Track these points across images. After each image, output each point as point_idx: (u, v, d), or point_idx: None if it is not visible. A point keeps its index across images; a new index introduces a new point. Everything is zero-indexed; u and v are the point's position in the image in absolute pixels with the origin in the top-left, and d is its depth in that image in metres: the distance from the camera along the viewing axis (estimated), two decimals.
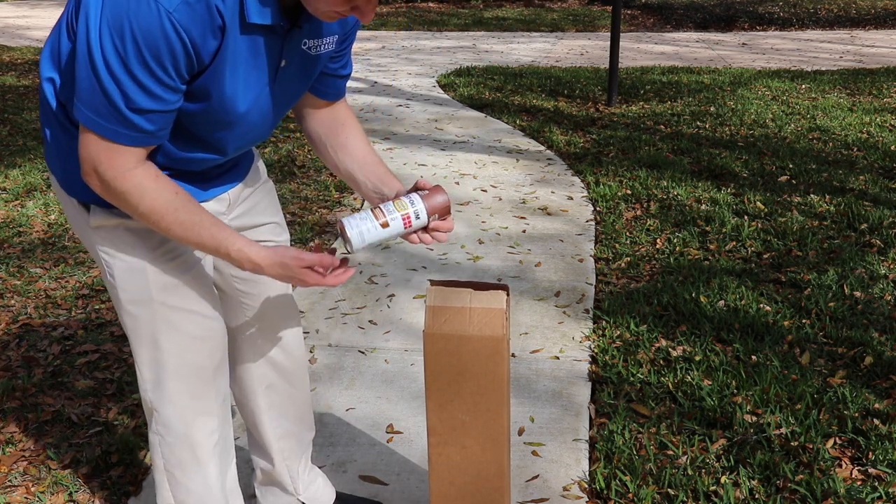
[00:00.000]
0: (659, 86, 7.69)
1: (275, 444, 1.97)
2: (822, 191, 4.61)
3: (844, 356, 2.88)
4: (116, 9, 1.26)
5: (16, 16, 15.50)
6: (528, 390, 2.72)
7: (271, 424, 1.95)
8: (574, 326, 3.15)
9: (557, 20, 13.83)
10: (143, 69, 1.29)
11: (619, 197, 4.59)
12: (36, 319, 3.26)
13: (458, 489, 1.80)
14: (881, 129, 5.91)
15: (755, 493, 2.22)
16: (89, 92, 1.33)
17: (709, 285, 3.43)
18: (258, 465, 2.03)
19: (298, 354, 1.95)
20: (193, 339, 1.62)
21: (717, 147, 5.57)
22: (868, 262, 3.64)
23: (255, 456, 2.02)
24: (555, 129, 6.17)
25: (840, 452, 2.38)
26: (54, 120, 1.51)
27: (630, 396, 2.67)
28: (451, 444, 1.77)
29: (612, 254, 3.83)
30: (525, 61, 9.53)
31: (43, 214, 4.42)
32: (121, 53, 1.28)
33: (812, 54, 9.65)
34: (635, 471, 2.29)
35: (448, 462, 1.79)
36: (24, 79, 8.47)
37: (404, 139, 6.03)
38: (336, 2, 1.34)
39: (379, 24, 13.64)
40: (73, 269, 3.72)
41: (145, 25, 1.26)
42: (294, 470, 2.02)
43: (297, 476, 2.02)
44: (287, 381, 1.94)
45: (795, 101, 6.88)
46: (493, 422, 1.74)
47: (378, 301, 3.38)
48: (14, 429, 2.55)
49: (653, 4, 15.32)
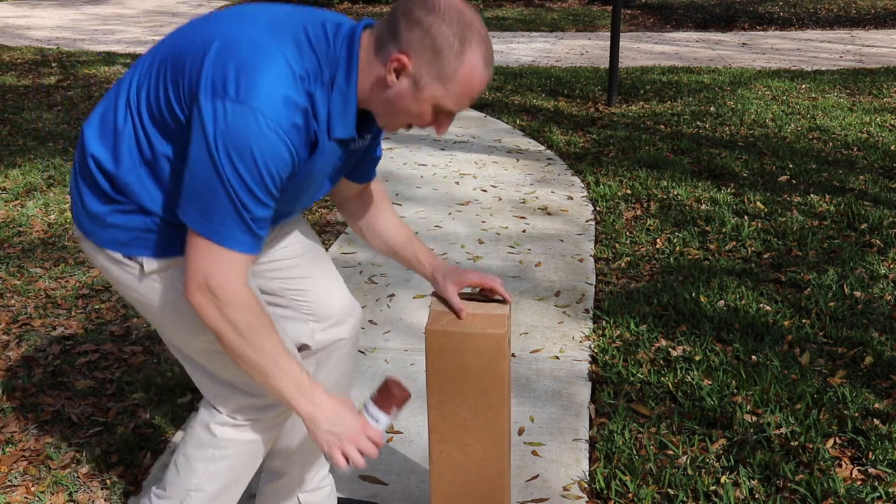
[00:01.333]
0: (659, 86, 7.69)
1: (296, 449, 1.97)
2: (822, 191, 4.61)
3: (844, 356, 2.88)
4: (238, 130, 1.37)
5: (16, 16, 15.50)
6: (528, 390, 2.72)
7: (301, 430, 1.95)
8: (574, 326, 3.15)
9: (557, 20, 13.83)
10: (262, 186, 1.41)
11: (619, 197, 4.59)
12: (36, 319, 3.26)
13: (458, 487, 1.80)
14: (881, 129, 5.91)
15: (755, 492, 2.22)
16: (209, 202, 1.41)
17: (709, 285, 3.43)
18: (270, 468, 2.02)
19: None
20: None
21: (717, 147, 5.57)
22: (868, 262, 3.64)
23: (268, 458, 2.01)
24: (555, 129, 6.17)
25: (840, 452, 2.38)
26: (98, 191, 1.55)
27: (630, 396, 2.67)
28: (453, 442, 1.77)
29: (612, 254, 3.83)
30: (525, 61, 9.53)
31: (43, 214, 4.42)
32: (243, 171, 1.38)
33: (812, 54, 9.65)
34: (635, 471, 2.29)
35: (449, 460, 1.79)
36: (24, 79, 8.47)
37: (404, 139, 6.03)
38: (420, 121, 1.50)
39: None
40: (73, 269, 3.72)
41: (268, 149, 1.38)
42: (308, 476, 2.02)
43: (308, 481, 2.02)
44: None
45: (795, 101, 6.88)
46: (494, 420, 1.74)
47: (378, 301, 3.38)
48: (14, 429, 2.55)
49: (653, 4, 15.32)
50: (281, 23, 1.47)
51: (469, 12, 1.45)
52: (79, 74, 8.70)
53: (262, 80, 1.38)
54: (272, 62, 1.40)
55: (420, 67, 1.43)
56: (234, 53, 1.41)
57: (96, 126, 1.54)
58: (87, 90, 7.83)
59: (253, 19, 1.47)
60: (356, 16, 14.89)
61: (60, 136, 6.10)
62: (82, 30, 13.18)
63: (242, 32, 1.44)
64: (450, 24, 1.41)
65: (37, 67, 9.19)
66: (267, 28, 1.45)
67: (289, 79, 1.40)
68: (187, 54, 1.45)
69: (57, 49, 10.72)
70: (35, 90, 7.85)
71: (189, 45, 1.47)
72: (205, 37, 1.46)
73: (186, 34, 1.50)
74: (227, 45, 1.42)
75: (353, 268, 3.72)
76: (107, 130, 1.53)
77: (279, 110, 1.38)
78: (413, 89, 1.45)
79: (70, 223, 4.28)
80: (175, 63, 1.46)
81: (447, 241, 4.02)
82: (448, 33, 1.41)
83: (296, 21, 1.49)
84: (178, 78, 1.44)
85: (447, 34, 1.41)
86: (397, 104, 1.47)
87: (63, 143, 5.90)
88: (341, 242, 4.03)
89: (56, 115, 6.78)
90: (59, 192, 4.76)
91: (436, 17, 1.41)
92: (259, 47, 1.41)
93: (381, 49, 1.45)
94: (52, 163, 5.35)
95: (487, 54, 1.46)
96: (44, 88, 7.94)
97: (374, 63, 1.46)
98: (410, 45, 1.42)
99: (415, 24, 1.41)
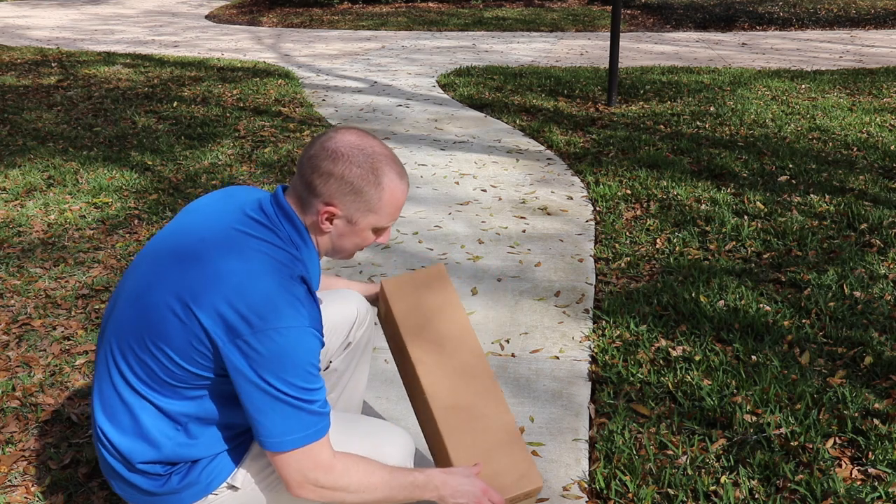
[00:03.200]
0: (659, 86, 7.69)
1: None
2: (821, 191, 4.61)
3: (844, 356, 2.88)
4: (276, 352, 1.45)
5: (16, 16, 15.50)
6: (527, 390, 2.72)
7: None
8: (574, 326, 3.15)
9: (557, 20, 13.83)
10: (315, 377, 1.50)
11: (619, 197, 4.59)
12: (36, 319, 3.26)
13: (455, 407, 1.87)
14: (881, 129, 5.91)
15: (755, 493, 2.22)
16: (278, 420, 1.48)
17: (709, 285, 3.43)
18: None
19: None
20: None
21: (717, 147, 5.57)
22: (868, 262, 3.64)
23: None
24: (555, 129, 6.17)
25: (840, 452, 2.38)
26: (152, 478, 1.60)
27: (630, 396, 2.67)
28: (438, 369, 1.88)
29: (612, 254, 3.83)
30: (525, 61, 9.52)
31: (43, 214, 4.42)
32: (297, 381, 1.47)
33: (812, 54, 9.64)
34: (635, 471, 2.29)
35: (439, 384, 1.87)
36: (24, 79, 8.47)
37: (404, 139, 6.03)
38: (364, 244, 1.66)
39: (379, 23, 13.64)
40: (73, 269, 3.72)
41: (305, 349, 1.48)
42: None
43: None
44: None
45: (795, 101, 6.88)
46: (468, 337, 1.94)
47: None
48: (14, 429, 2.55)
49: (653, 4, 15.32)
50: (224, 241, 1.53)
51: (366, 141, 1.57)
52: (79, 74, 8.69)
53: (272, 305, 1.46)
54: (264, 280, 1.48)
55: (348, 209, 1.58)
56: (238, 293, 1.47)
57: (110, 422, 1.59)
58: (87, 90, 7.83)
59: (195, 256, 1.52)
60: (356, 16, 14.89)
61: (60, 136, 6.10)
62: (82, 30, 13.17)
63: (228, 267, 1.50)
64: (358, 164, 1.55)
65: (37, 67, 9.18)
66: (224, 253, 1.51)
67: (285, 282, 1.49)
68: (149, 323, 1.52)
69: (57, 49, 10.72)
70: (35, 90, 7.85)
71: (146, 313, 1.53)
72: (163, 297, 1.51)
73: (128, 298, 1.57)
74: (220, 285, 1.48)
75: (352, 268, 3.72)
76: (124, 424, 1.58)
77: (301, 314, 1.48)
78: (349, 227, 1.61)
79: (70, 223, 4.28)
80: (140, 337, 1.53)
81: (447, 241, 4.02)
82: (359, 172, 1.55)
83: (229, 230, 1.55)
84: (159, 345, 1.51)
85: (359, 173, 1.55)
86: (341, 243, 1.65)
87: (63, 143, 5.90)
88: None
89: (56, 115, 6.78)
90: (59, 192, 4.77)
91: (343, 163, 1.55)
92: (245, 274, 1.48)
93: (307, 207, 1.60)
94: (52, 163, 5.35)
95: (399, 168, 1.61)
96: (44, 88, 7.94)
97: (307, 220, 1.61)
98: (332, 195, 1.56)
99: (328, 176, 1.55)
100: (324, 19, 14.58)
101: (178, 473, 1.59)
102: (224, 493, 1.63)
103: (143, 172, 5.16)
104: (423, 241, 4.02)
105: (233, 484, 1.62)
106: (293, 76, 8.54)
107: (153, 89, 7.86)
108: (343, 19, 14.47)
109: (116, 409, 1.56)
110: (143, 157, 5.49)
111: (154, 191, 4.79)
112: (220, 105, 7.14)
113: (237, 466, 1.63)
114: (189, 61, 9.58)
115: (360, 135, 1.58)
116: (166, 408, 1.54)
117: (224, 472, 1.62)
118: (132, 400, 1.55)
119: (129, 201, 4.62)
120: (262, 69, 8.94)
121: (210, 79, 8.37)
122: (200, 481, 1.60)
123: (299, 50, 10.73)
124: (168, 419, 1.55)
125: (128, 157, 5.52)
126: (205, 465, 1.60)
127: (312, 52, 10.56)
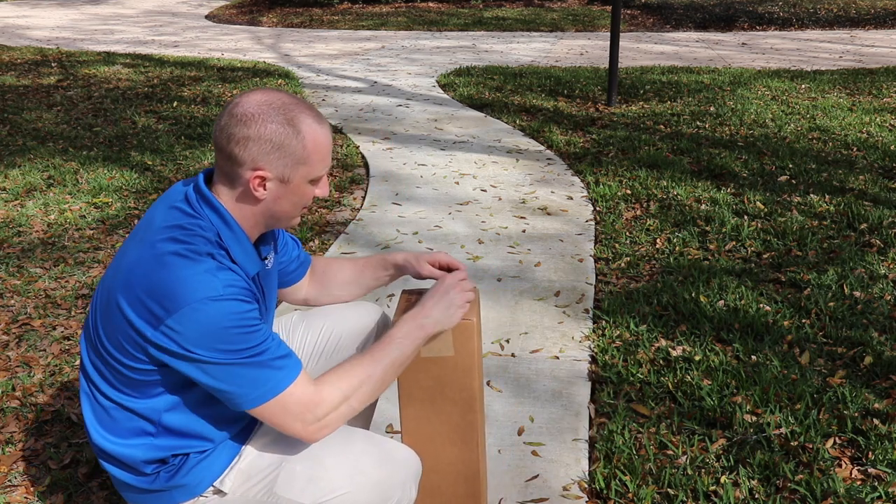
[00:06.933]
0: (659, 86, 7.69)
1: None
2: (821, 191, 4.61)
3: (844, 356, 2.88)
4: (199, 329, 1.44)
5: (16, 16, 15.50)
6: (527, 390, 2.72)
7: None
8: (574, 326, 3.15)
9: (557, 20, 13.83)
10: (251, 335, 1.48)
11: (619, 197, 4.59)
12: (36, 319, 3.26)
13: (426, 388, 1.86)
14: (881, 129, 5.91)
15: (755, 492, 2.22)
16: (242, 383, 1.48)
17: (709, 285, 3.43)
18: None
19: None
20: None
21: (717, 147, 5.57)
22: (868, 262, 3.64)
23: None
24: (555, 129, 6.17)
25: (840, 452, 2.38)
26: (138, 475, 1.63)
27: (630, 396, 2.67)
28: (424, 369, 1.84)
29: (612, 254, 3.83)
30: (525, 61, 9.52)
31: (43, 214, 4.42)
32: (233, 346, 1.46)
33: (812, 54, 9.65)
34: (635, 471, 2.29)
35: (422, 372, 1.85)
36: (24, 79, 8.47)
37: (404, 139, 6.03)
38: (306, 201, 1.62)
39: (379, 23, 13.64)
40: (72, 269, 3.72)
41: (226, 315, 1.45)
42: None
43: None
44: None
45: (795, 101, 6.88)
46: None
47: (377, 301, 3.38)
48: (14, 429, 2.55)
49: (653, 4, 15.32)
50: (144, 235, 1.55)
51: (272, 96, 1.54)
52: (79, 74, 8.70)
53: (181, 284, 1.45)
54: (170, 263, 1.47)
55: (276, 167, 1.54)
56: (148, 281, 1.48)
57: (93, 423, 1.61)
58: (86, 90, 7.83)
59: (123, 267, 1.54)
60: (356, 16, 14.89)
61: (60, 136, 6.10)
62: (82, 30, 13.17)
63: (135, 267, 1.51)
64: (271, 120, 1.52)
65: (37, 67, 9.18)
66: (136, 246, 1.53)
67: (191, 259, 1.48)
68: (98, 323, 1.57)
69: (57, 49, 10.72)
70: (35, 90, 7.85)
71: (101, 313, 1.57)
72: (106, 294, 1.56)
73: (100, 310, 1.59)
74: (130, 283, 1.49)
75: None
76: (106, 424, 1.61)
77: (211, 285, 1.45)
78: (283, 186, 1.57)
79: (70, 223, 4.29)
80: (100, 341, 1.57)
81: (447, 241, 4.02)
82: (275, 128, 1.52)
83: (153, 225, 1.56)
84: (107, 347, 1.55)
85: (275, 129, 1.52)
86: (279, 206, 1.59)
87: (63, 143, 5.90)
88: (341, 242, 4.03)
89: (56, 115, 6.78)
90: (59, 192, 4.77)
91: (256, 123, 1.51)
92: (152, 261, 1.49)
93: (235, 180, 1.55)
94: (52, 163, 5.35)
95: (314, 113, 1.57)
96: (44, 88, 7.94)
97: (239, 195, 1.57)
98: (255, 158, 1.52)
99: (245, 140, 1.51)
100: (324, 19, 14.58)
101: (165, 472, 1.61)
102: (211, 498, 1.64)
103: (143, 172, 5.16)
104: (423, 241, 4.02)
105: (220, 489, 1.63)
106: (293, 76, 8.54)
107: (153, 89, 7.86)
108: (343, 19, 14.47)
109: (97, 410, 1.60)
110: (143, 157, 5.49)
111: (154, 191, 4.79)
112: (220, 105, 7.14)
113: (225, 471, 1.63)
114: (189, 61, 9.58)
115: (264, 92, 1.55)
116: (134, 407, 1.56)
117: (211, 475, 1.62)
118: (105, 402, 1.58)
119: (129, 201, 4.62)
120: (261, 69, 8.94)
121: (210, 79, 8.37)
122: (188, 483, 1.61)
123: (299, 50, 10.73)
124: (140, 418, 1.57)
125: (128, 157, 5.52)
126: (192, 466, 1.61)
127: (312, 52, 10.56)
